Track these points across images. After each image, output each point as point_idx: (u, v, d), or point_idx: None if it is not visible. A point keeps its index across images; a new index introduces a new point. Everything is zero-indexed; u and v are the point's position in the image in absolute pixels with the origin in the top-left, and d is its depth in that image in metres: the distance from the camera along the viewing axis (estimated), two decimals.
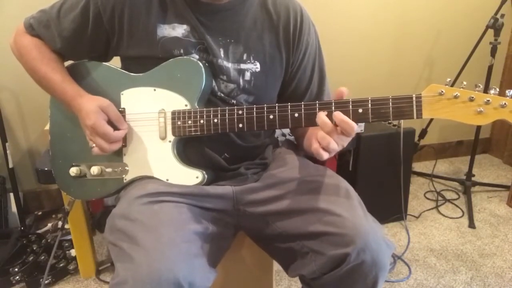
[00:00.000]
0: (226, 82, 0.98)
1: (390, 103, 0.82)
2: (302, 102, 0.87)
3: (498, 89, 0.78)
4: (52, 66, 1.00)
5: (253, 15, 0.99)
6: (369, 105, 0.82)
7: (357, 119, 0.83)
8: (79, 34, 0.99)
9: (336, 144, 0.81)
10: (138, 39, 0.96)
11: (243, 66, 0.98)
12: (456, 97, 0.79)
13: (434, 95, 0.80)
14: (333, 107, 0.84)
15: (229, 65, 0.97)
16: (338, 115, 0.81)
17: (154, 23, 0.95)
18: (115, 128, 0.95)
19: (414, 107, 0.80)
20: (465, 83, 0.79)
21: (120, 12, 0.95)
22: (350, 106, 0.83)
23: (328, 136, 0.81)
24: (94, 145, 0.95)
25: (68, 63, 1.06)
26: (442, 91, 0.79)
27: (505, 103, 0.76)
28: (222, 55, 0.97)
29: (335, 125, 0.81)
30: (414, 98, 0.80)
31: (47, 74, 0.99)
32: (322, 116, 0.82)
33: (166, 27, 0.96)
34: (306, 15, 1.03)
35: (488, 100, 0.77)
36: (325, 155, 0.82)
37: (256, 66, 0.99)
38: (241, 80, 0.99)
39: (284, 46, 1.01)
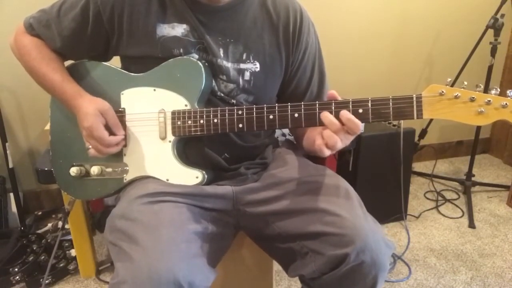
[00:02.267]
0: (225, 82, 0.98)
1: (391, 103, 0.81)
2: (302, 102, 0.87)
3: (499, 89, 0.77)
4: (52, 66, 1.00)
5: (253, 15, 0.99)
6: (369, 105, 0.82)
7: (357, 119, 0.83)
8: (79, 33, 0.99)
9: (341, 142, 0.82)
10: (138, 38, 0.96)
11: (242, 66, 0.98)
12: (456, 97, 0.78)
13: (434, 95, 0.79)
14: (333, 107, 0.84)
15: (228, 64, 0.97)
16: (345, 114, 0.81)
17: (154, 22, 0.95)
18: (112, 133, 0.95)
19: (415, 107, 0.80)
20: (466, 83, 0.79)
21: (120, 11, 0.95)
22: (350, 106, 0.83)
23: (335, 135, 0.81)
24: (90, 146, 0.95)
25: (68, 63, 1.06)
26: (442, 91, 0.78)
27: (506, 103, 0.76)
28: (222, 55, 0.97)
29: (342, 124, 0.81)
30: (414, 99, 0.80)
31: (47, 73, 0.99)
32: (329, 115, 0.82)
33: (166, 27, 0.96)
34: (306, 15, 1.03)
35: (489, 101, 0.77)
36: (328, 152, 0.83)
37: (256, 66, 0.99)
38: (240, 80, 0.99)
39: (284, 46, 1.01)
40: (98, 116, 0.93)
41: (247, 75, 0.99)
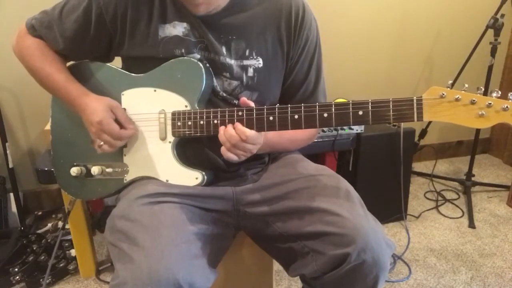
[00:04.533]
0: (229, 80, 0.98)
1: (391, 105, 0.81)
2: (302, 104, 0.87)
3: (500, 92, 0.76)
4: (56, 67, 1.00)
5: (254, 11, 0.98)
6: (370, 107, 0.82)
7: (357, 121, 0.83)
8: (81, 34, 0.99)
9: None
10: (140, 39, 0.96)
11: (246, 62, 0.98)
12: (457, 100, 0.77)
13: (435, 97, 0.78)
14: (333, 109, 0.84)
15: (232, 62, 0.97)
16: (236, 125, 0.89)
17: (156, 23, 0.95)
18: (122, 127, 0.96)
19: (415, 109, 0.80)
20: (466, 85, 0.78)
21: (123, 12, 0.95)
22: (350, 108, 0.83)
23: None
24: (102, 143, 0.95)
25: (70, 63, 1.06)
26: (443, 94, 0.78)
27: (507, 106, 0.75)
28: (225, 52, 0.97)
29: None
30: (415, 101, 0.79)
31: (51, 74, 0.99)
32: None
33: (167, 26, 0.96)
34: (308, 11, 1.02)
35: (490, 103, 0.76)
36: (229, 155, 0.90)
37: (259, 62, 0.99)
38: (244, 77, 0.99)
39: (285, 40, 1.00)
40: (108, 112, 0.94)
41: (250, 72, 0.99)
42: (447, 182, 2.42)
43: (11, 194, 1.91)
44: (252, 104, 0.89)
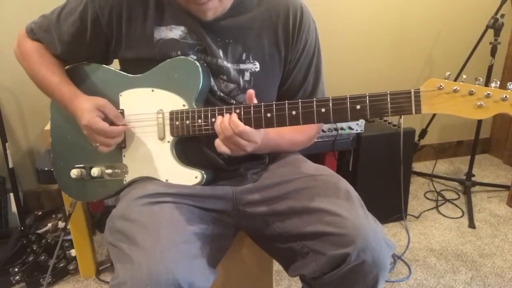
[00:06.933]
0: (226, 82, 0.98)
1: (388, 98, 0.80)
2: (300, 100, 0.87)
3: (498, 82, 0.75)
4: (52, 69, 1.00)
5: (252, 15, 0.98)
6: (367, 101, 0.82)
7: (355, 116, 0.83)
8: (78, 38, 0.99)
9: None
10: (136, 42, 0.96)
11: (242, 66, 0.98)
12: (455, 91, 0.76)
13: (433, 89, 0.78)
14: (330, 104, 0.84)
15: (228, 65, 0.97)
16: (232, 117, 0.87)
17: (151, 25, 0.95)
18: (114, 125, 0.95)
19: (413, 102, 0.79)
20: (464, 76, 0.77)
21: (118, 15, 0.95)
22: (348, 102, 0.83)
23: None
24: (97, 144, 0.95)
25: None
26: (441, 85, 0.77)
27: (506, 96, 0.74)
28: (222, 55, 0.97)
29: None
30: (412, 93, 0.79)
31: (46, 77, 0.99)
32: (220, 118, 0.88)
33: (163, 29, 0.95)
34: (306, 13, 1.01)
35: (489, 94, 0.75)
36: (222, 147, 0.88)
37: (256, 66, 0.99)
38: (241, 80, 0.99)
39: (283, 44, 1.00)
40: (94, 111, 0.93)
41: (247, 76, 0.99)
42: (447, 182, 2.42)
43: (11, 194, 1.91)
44: (256, 101, 0.88)
